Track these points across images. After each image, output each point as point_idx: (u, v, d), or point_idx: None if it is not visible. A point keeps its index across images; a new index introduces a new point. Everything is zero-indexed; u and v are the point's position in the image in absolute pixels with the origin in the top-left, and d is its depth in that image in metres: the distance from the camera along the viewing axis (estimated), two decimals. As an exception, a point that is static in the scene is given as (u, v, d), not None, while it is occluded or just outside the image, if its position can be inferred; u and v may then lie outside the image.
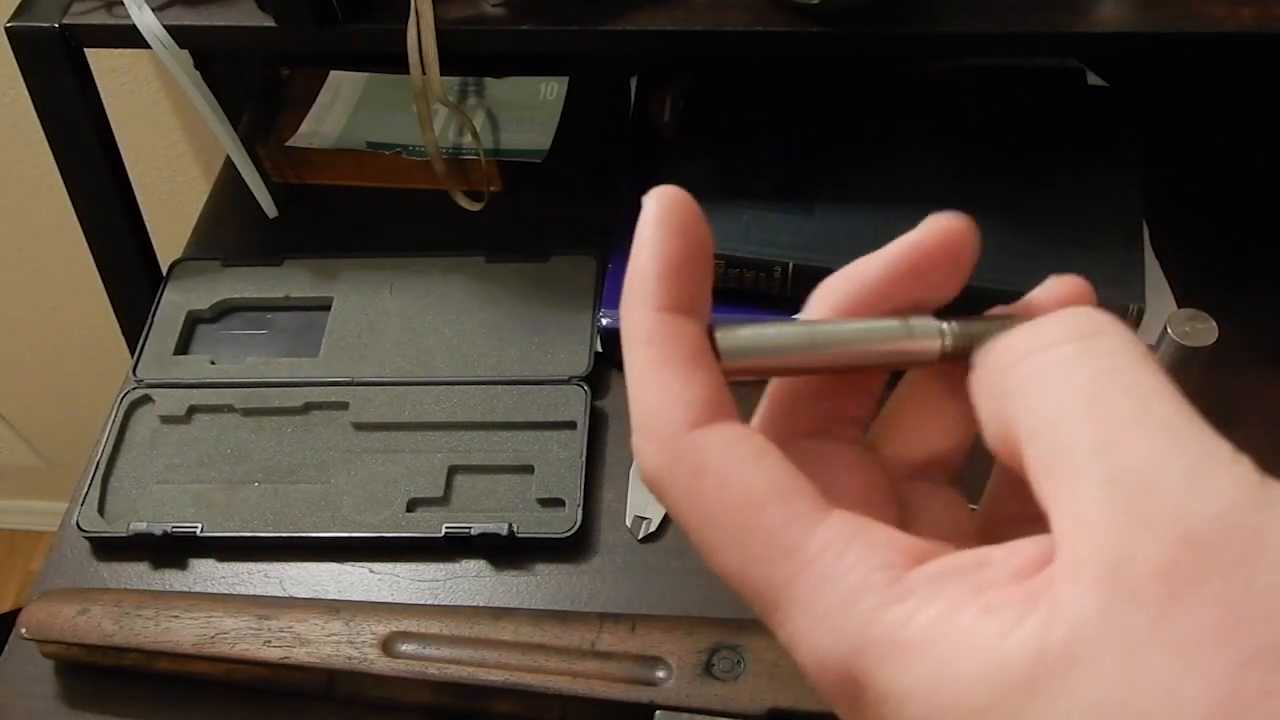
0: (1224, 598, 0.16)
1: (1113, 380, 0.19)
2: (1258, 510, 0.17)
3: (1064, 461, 0.18)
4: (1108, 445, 0.18)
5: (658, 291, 0.22)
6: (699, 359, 0.21)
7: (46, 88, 0.69)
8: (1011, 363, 0.20)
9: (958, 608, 0.18)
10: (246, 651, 0.53)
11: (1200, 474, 0.17)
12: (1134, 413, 0.18)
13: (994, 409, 0.21)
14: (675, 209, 0.23)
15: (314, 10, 0.63)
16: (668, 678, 0.50)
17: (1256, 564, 0.16)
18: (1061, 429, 0.19)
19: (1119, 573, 0.17)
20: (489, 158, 0.76)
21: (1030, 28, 0.60)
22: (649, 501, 0.61)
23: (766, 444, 0.20)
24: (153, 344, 0.70)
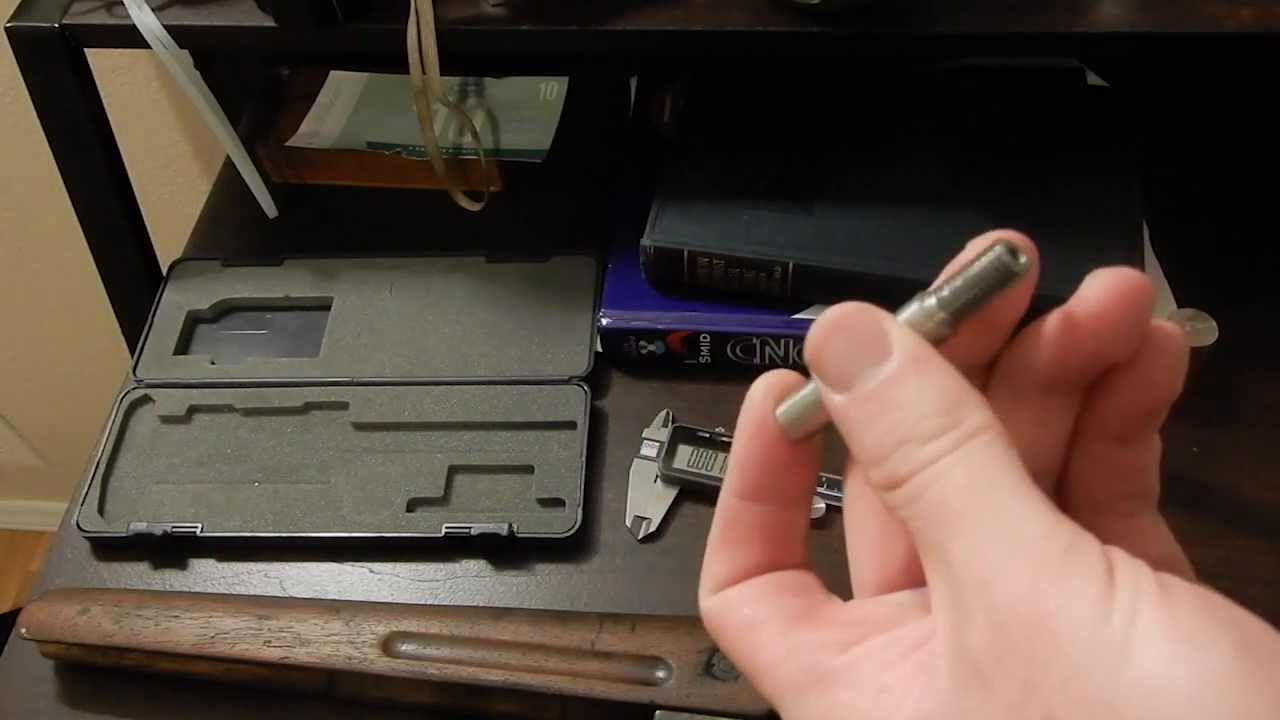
0: (1018, 676, 0.19)
1: (952, 482, 0.21)
2: (1048, 587, 0.19)
3: (929, 564, 0.21)
4: (944, 550, 0.20)
5: (733, 477, 0.25)
6: (747, 541, 0.25)
7: (46, 88, 0.69)
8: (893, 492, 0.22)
9: (862, 690, 0.22)
10: (246, 651, 0.53)
11: (1004, 561, 0.19)
12: (961, 515, 0.20)
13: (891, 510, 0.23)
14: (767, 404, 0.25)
15: (314, 10, 0.63)
16: (668, 678, 0.50)
17: (1041, 642, 0.19)
18: (923, 539, 0.21)
19: (960, 659, 0.20)
20: (489, 158, 0.76)
21: (1030, 28, 0.60)
22: (649, 501, 0.61)
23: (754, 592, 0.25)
24: (153, 344, 0.70)
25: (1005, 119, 0.70)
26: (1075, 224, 0.64)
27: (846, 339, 0.22)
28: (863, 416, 0.22)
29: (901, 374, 0.22)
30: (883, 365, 0.22)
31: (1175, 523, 0.25)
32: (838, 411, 0.23)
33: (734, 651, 0.25)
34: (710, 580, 0.26)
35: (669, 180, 0.68)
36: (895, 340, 0.22)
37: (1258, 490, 0.60)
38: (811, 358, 0.23)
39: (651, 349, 0.67)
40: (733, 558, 0.26)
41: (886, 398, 0.22)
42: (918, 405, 0.21)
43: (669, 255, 0.65)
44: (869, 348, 0.22)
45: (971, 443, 0.21)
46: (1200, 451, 0.62)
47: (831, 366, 0.23)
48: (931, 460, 0.21)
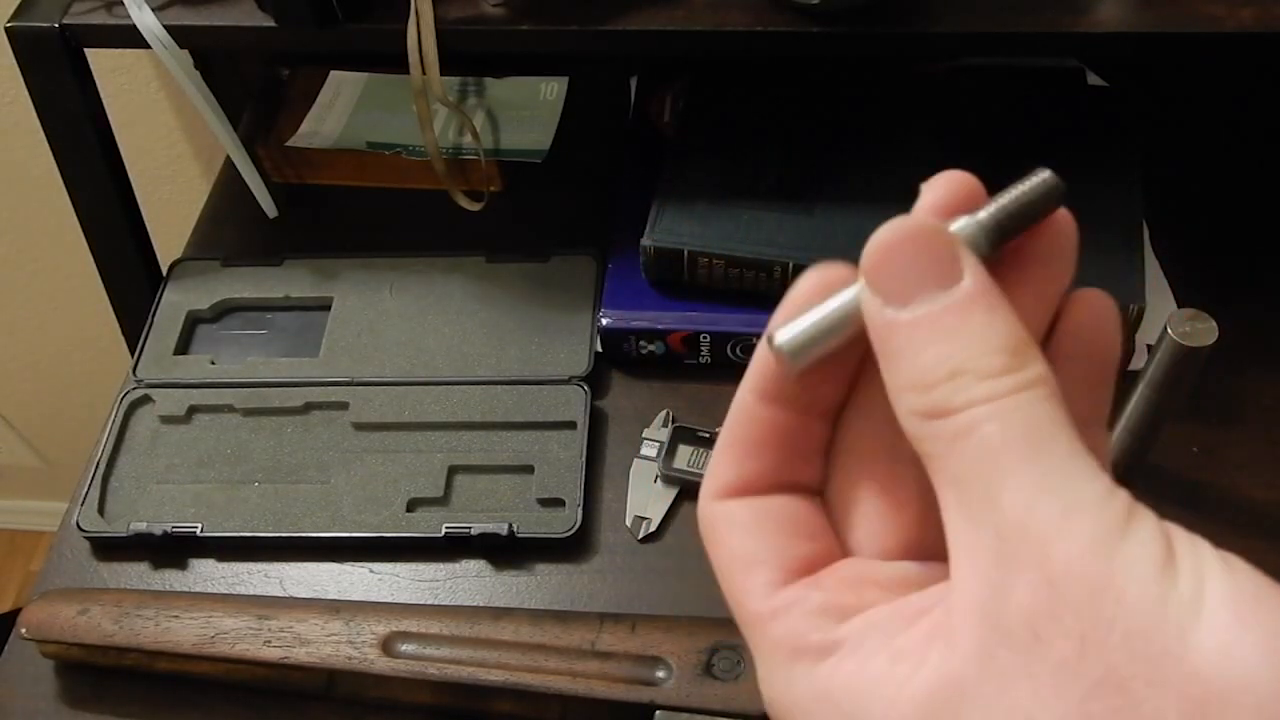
0: (1075, 633, 0.18)
1: (1011, 427, 0.20)
2: (1112, 549, 0.18)
3: (962, 509, 0.20)
4: (992, 496, 0.19)
5: (754, 375, 0.24)
6: (760, 450, 0.24)
7: (46, 88, 0.69)
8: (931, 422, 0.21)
9: (872, 657, 0.21)
10: (246, 651, 0.53)
11: (1065, 518, 0.19)
12: (1017, 463, 0.19)
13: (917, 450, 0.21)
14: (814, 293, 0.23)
15: (314, 10, 0.63)
16: (668, 678, 0.50)
17: (1104, 601, 0.18)
18: (961, 481, 0.20)
19: (995, 616, 0.19)
20: (489, 158, 0.76)
21: (1030, 28, 0.60)
22: (649, 501, 0.61)
23: (766, 514, 0.24)
24: (153, 344, 0.70)
25: (1005, 119, 0.70)
26: (1075, 224, 0.63)
27: (915, 252, 0.21)
28: (917, 338, 0.20)
29: (972, 303, 0.20)
30: (953, 289, 0.21)
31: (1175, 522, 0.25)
32: (886, 328, 0.21)
33: (720, 578, 0.24)
34: (715, 483, 0.24)
35: (669, 180, 0.68)
36: (969, 267, 0.21)
37: (1258, 490, 0.60)
38: (870, 265, 0.21)
39: (651, 349, 0.67)
40: (742, 463, 0.24)
41: (950, 324, 0.20)
42: (983, 339, 0.20)
43: (669, 255, 0.65)
44: (939, 268, 0.21)
45: (1033, 390, 0.20)
46: (1200, 451, 0.62)
47: (893, 278, 0.21)
48: (988, 398, 0.20)
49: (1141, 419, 0.57)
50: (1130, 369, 0.63)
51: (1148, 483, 0.61)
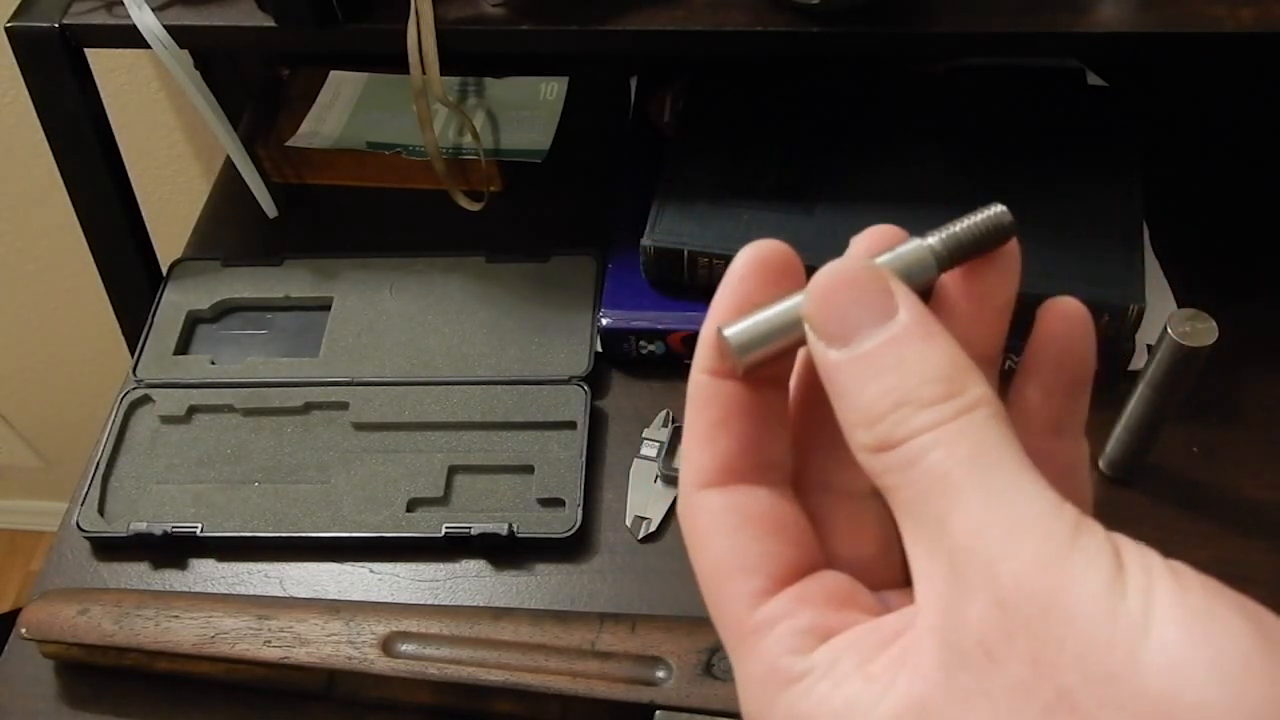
0: (1027, 653, 0.18)
1: (954, 452, 0.20)
2: (1059, 565, 0.18)
3: (918, 536, 0.20)
4: (942, 520, 0.20)
5: (704, 353, 0.24)
6: (726, 424, 0.24)
7: (46, 88, 0.69)
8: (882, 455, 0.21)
9: (847, 678, 0.21)
10: (246, 651, 0.53)
11: (1010, 536, 0.19)
12: (963, 486, 0.20)
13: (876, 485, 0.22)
14: (751, 273, 0.24)
15: (314, 10, 0.63)
16: (668, 678, 0.50)
17: (1053, 620, 0.18)
18: (915, 509, 0.20)
19: (953, 638, 0.19)
20: (489, 158, 0.76)
21: (1030, 28, 0.60)
22: (649, 501, 0.61)
23: (751, 514, 0.23)
24: (153, 344, 0.70)
25: (1005, 119, 0.70)
26: (1075, 224, 0.64)
27: (851, 293, 0.22)
28: (860, 375, 0.21)
29: (907, 335, 0.21)
30: (888, 325, 0.21)
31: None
32: (831, 368, 0.22)
33: (702, 578, 0.23)
34: (693, 470, 0.24)
35: (669, 180, 0.68)
36: (902, 301, 0.21)
37: (1258, 490, 0.60)
38: (811, 311, 0.22)
39: (651, 349, 0.67)
40: (714, 442, 0.24)
41: (888, 358, 0.21)
42: (921, 369, 0.21)
43: (669, 255, 0.65)
44: (874, 305, 0.21)
45: (974, 414, 0.20)
46: (1200, 451, 0.62)
47: (831, 321, 0.22)
48: (931, 425, 0.20)
49: (1141, 419, 0.57)
50: (1130, 369, 0.63)
51: (1148, 483, 0.61)
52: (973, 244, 0.23)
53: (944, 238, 0.23)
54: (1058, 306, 0.24)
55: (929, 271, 0.23)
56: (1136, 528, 0.62)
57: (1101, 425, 0.60)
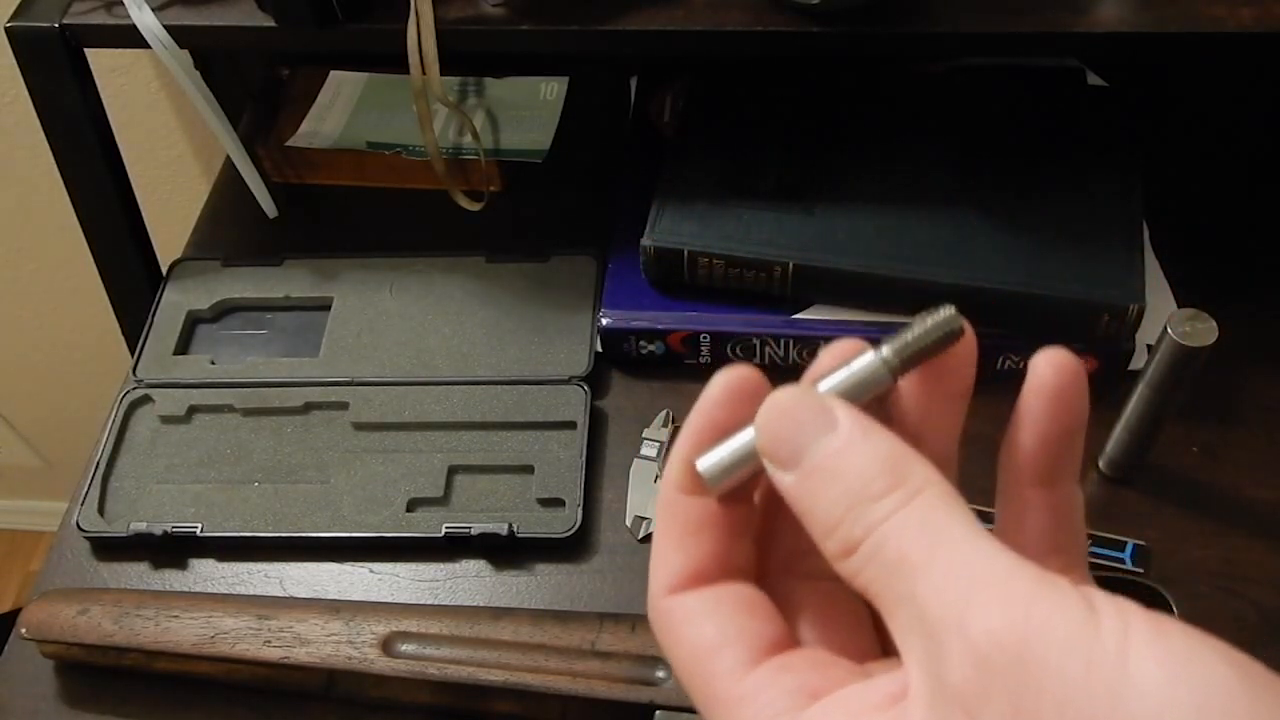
0: (1007, 706, 0.19)
1: (907, 535, 0.21)
2: (1026, 615, 0.19)
3: (895, 619, 0.22)
4: (912, 598, 0.21)
5: (675, 473, 0.26)
6: (697, 535, 0.25)
7: (46, 88, 0.69)
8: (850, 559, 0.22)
9: None
10: (246, 651, 0.53)
11: (975, 598, 0.20)
12: (923, 562, 0.21)
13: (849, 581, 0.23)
14: (722, 401, 0.26)
15: (314, 10, 0.63)
16: (668, 678, 0.50)
17: (1030, 669, 0.19)
18: (886, 596, 0.22)
19: (936, 699, 0.20)
20: (489, 158, 0.76)
21: (1030, 28, 0.60)
22: (649, 501, 0.61)
23: (721, 600, 0.25)
24: (153, 344, 0.70)
25: (1005, 119, 0.70)
26: (1075, 224, 0.64)
27: (790, 419, 0.23)
28: (813, 489, 0.23)
29: (847, 443, 0.23)
30: (828, 437, 0.23)
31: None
32: (790, 492, 0.23)
33: (684, 669, 0.24)
34: (665, 576, 0.25)
35: (669, 180, 0.68)
36: (838, 413, 0.23)
37: (1258, 490, 0.60)
38: (762, 443, 0.24)
39: (651, 349, 0.67)
40: (685, 551, 0.25)
41: (834, 467, 0.23)
42: (864, 469, 0.22)
43: (669, 255, 0.65)
44: (813, 424, 0.23)
45: (920, 496, 0.22)
46: (1200, 451, 0.62)
47: (780, 449, 0.23)
48: (884, 517, 0.21)
49: (1141, 419, 0.57)
50: (1130, 369, 0.63)
51: (1148, 483, 0.61)
52: (924, 350, 0.25)
53: (896, 348, 0.25)
54: (1050, 357, 0.25)
55: (883, 383, 0.24)
56: (1136, 528, 0.62)
57: (1101, 425, 0.60)
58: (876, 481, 0.22)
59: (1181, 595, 0.54)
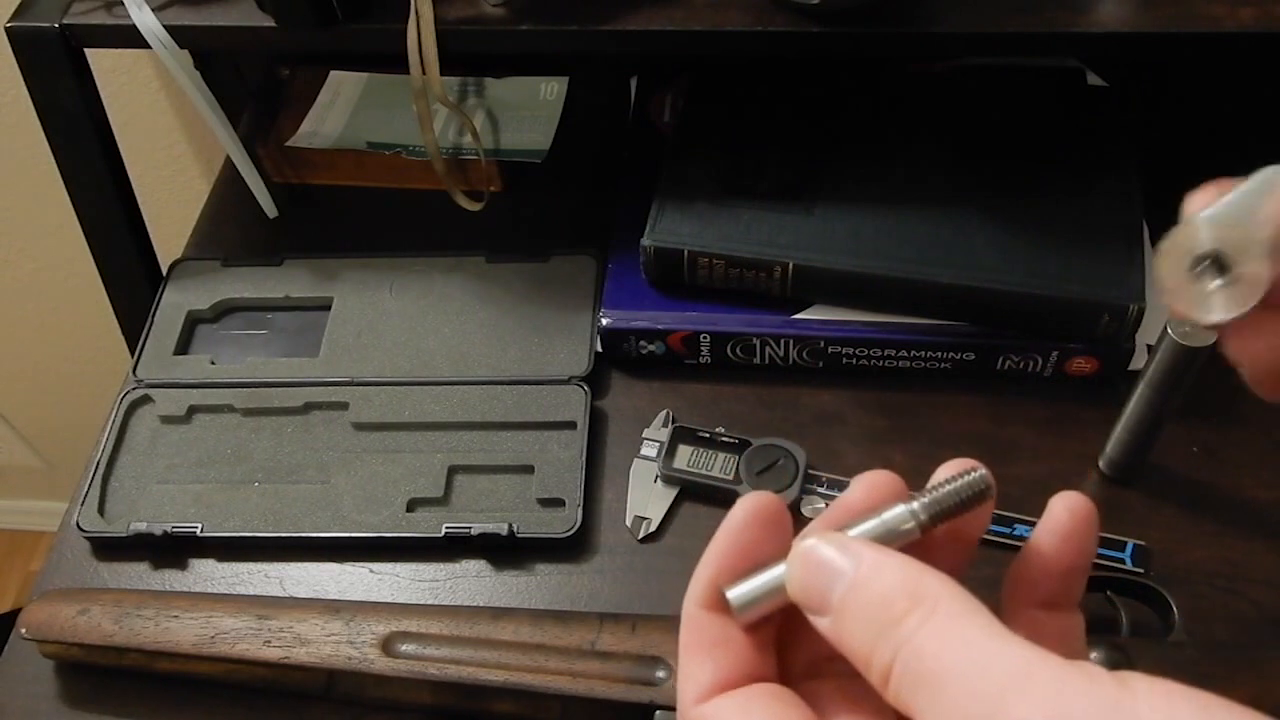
0: None
1: (930, 648, 0.23)
2: (1058, 693, 0.21)
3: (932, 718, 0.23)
4: (947, 701, 0.22)
5: (699, 591, 0.28)
6: (718, 648, 0.27)
7: (46, 88, 0.69)
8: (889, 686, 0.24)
9: None
10: (246, 651, 0.53)
11: (1008, 690, 0.21)
12: (950, 667, 0.22)
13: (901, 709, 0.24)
14: (745, 526, 0.28)
15: (314, 10, 0.63)
16: (668, 678, 0.50)
17: None
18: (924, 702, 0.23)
19: None
20: (489, 158, 0.76)
21: (1030, 28, 0.60)
22: (649, 501, 0.61)
23: (749, 699, 0.26)
24: (153, 344, 0.70)
25: (1005, 119, 0.70)
26: (1075, 224, 0.64)
27: (817, 568, 0.25)
28: (844, 626, 0.24)
29: (863, 577, 0.24)
30: (845, 577, 0.25)
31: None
32: (828, 635, 0.25)
33: None
34: (694, 689, 0.27)
35: (669, 180, 0.68)
36: (851, 551, 0.25)
37: (1258, 490, 0.60)
38: (794, 593, 0.26)
39: (651, 349, 0.67)
40: (712, 662, 0.27)
41: (856, 602, 0.24)
42: (883, 595, 0.24)
43: (669, 255, 0.65)
44: (831, 568, 0.25)
45: (939, 610, 0.23)
46: (1200, 451, 0.62)
47: (813, 598, 0.25)
48: (908, 637, 0.23)
49: (1141, 419, 0.57)
50: (1130, 369, 0.63)
51: (1148, 483, 0.61)
52: (954, 508, 0.26)
53: (927, 503, 0.26)
54: (1066, 501, 0.27)
55: (911, 534, 0.26)
56: (1137, 528, 0.62)
57: (1101, 425, 0.60)
58: (896, 605, 0.23)
59: (1181, 595, 0.54)
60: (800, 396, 0.65)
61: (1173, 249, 0.28)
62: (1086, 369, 0.64)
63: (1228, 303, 0.28)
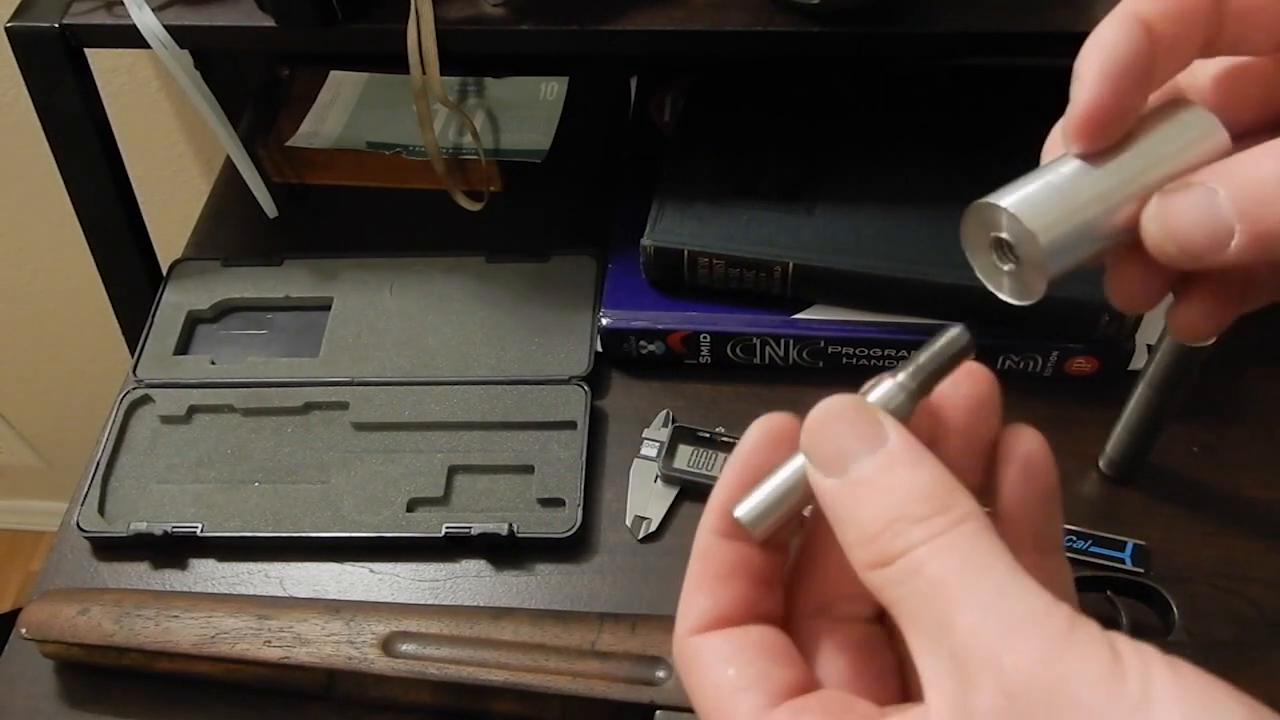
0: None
1: (949, 561, 0.22)
2: (1059, 655, 0.20)
3: (922, 640, 0.22)
4: (944, 624, 0.21)
5: (712, 518, 0.26)
6: (728, 580, 0.26)
7: (46, 88, 0.69)
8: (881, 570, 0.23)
9: None
10: (246, 651, 0.53)
11: (1011, 632, 0.20)
12: (960, 591, 0.21)
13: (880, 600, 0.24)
14: (760, 447, 0.26)
15: (314, 10, 0.63)
16: (668, 678, 0.50)
17: (1059, 704, 0.20)
18: (916, 616, 0.22)
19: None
20: (489, 158, 0.76)
21: (1030, 28, 0.60)
22: (649, 501, 0.61)
23: (745, 644, 0.25)
24: (153, 344, 0.70)
25: (1005, 119, 0.70)
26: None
27: (843, 426, 0.24)
28: (856, 497, 0.23)
29: (897, 459, 0.23)
30: (877, 452, 0.23)
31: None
32: (830, 494, 0.24)
33: (705, 708, 0.25)
34: (693, 617, 0.26)
35: (669, 180, 0.68)
36: (890, 430, 0.24)
37: (1258, 490, 0.60)
38: (808, 443, 0.24)
39: (651, 349, 0.67)
40: (714, 595, 0.26)
41: (880, 481, 0.23)
42: (911, 489, 0.23)
43: (669, 255, 0.65)
44: (864, 435, 0.24)
45: (963, 526, 0.22)
46: (1200, 451, 0.62)
47: (828, 452, 0.24)
48: (925, 539, 0.22)
49: (1141, 419, 0.57)
50: (1130, 369, 0.63)
51: (1148, 483, 0.61)
52: (938, 370, 0.25)
53: (911, 371, 0.25)
54: (1015, 435, 0.26)
55: (903, 410, 0.25)
56: (1136, 528, 0.62)
57: (1101, 425, 0.60)
58: (922, 504, 0.22)
59: (1181, 595, 0.54)
60: (800, 396, 0.65)
61: (976, 219, 0.27)
62: (1086, 369, 0.64)
63: (1014, 289, 0.28)
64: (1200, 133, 0.26)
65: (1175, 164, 0.26)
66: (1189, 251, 0.25)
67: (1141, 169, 0.26)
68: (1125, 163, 0.26)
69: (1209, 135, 0.26)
